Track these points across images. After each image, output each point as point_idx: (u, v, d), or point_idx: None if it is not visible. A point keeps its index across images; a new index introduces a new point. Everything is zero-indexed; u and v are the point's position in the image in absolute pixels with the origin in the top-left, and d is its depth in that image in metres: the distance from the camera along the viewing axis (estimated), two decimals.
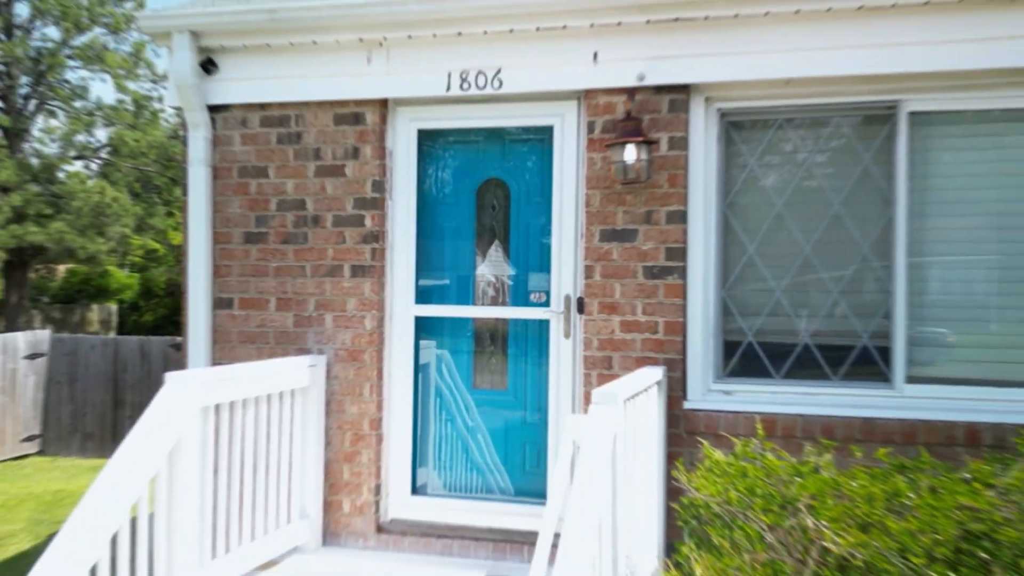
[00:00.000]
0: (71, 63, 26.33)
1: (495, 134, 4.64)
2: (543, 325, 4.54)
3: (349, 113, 4.59)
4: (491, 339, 4.70)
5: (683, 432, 4.10)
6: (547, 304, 4.53)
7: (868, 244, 4.13)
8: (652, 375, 3.87)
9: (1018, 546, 2.61)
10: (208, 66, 4.67)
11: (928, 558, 2.55)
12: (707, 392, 4.24)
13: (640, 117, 4.18)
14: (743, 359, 4.31)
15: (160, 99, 28.17)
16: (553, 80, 4.32)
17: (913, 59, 3.88)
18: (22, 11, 26.68)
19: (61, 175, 27.02)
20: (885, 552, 2.50)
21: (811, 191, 4.23)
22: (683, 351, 4.20)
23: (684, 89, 4.17)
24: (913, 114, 4.04)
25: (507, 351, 4.65)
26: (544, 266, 4.56)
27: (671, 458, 4.02)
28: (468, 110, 4.56)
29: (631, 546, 3.26)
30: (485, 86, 4.38)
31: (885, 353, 4.09)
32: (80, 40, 26.44)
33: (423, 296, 4.71)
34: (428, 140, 4.70)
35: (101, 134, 27.58)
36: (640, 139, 4.09)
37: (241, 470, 4.01)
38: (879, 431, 3.88)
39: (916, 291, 4.08)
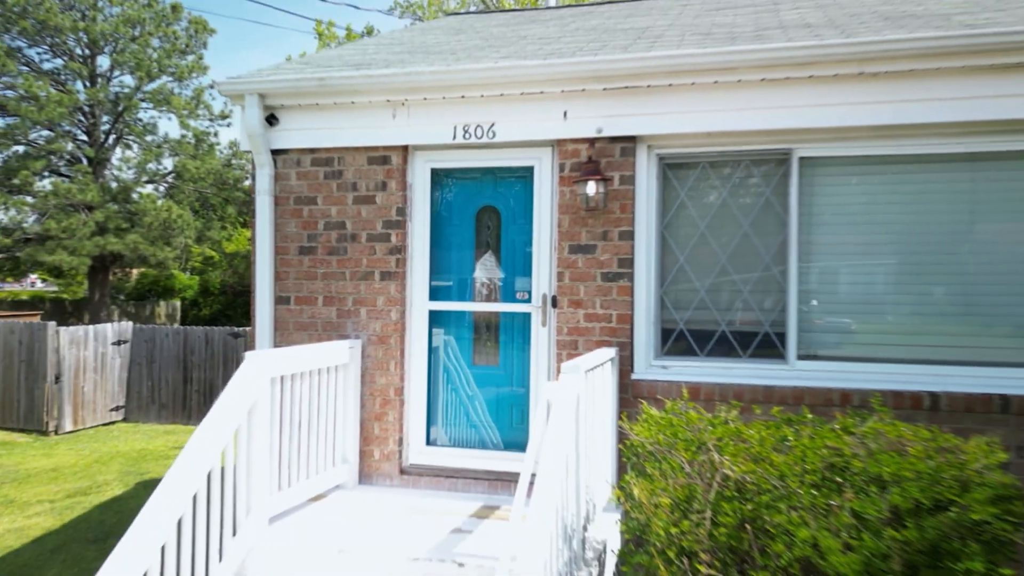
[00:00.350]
0: (144, 105, 26.40)
1: (489, 172, 4.95)
2: (526, 316, 4.88)
3: (379, 156, 4.91)
4: (486, 327, 5.04)
5: (631, 396, 4.45)
6: (529, 300, 4.87)
7: (769, 255, 4.49)
8: (607, 354, 4.22)
9: (865, 473, 2.96)
10: (271, 120, 4.99)
11: (800, 482, 2.91)
12: (649, 366, 4.59)
13: (599, 160, 4.53)
14: (676, 342, 4.67)
15: (216, 134, 28.30)
16: (533, 132, 4.64)
17: (801, 118, 4.24)
18: (103, 62, 26.76)
19: (135, 196, 27.09)
20: (768, 476, 2.85)
21: (726, 215, 4.59)
22: (631, 336, 4.55)
23: (631, 139, 4.52)
24: (802, 158, 4.40)
25: (499, 336, 4.99)
26: (527, 271, 4.89)
27: (621, 414, 4.38)
28: (469, 154, 4.87)
29: (590, 476, 3.61)
30: (482, 136, 4.71)
31: (782, 337, 4.45)
32: (151, 86, 26.52)
33: (434, 294, 5.03)
34: (438, 176, 5.01)
35: (167, 162, 27.64)
36: (599, 177, 4.44)
37: (299, 426, 4.34)
38: (776, 395, 4.23)
39: (804, 290, 4.43)
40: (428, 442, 4.97)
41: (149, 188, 27.70)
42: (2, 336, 11.89)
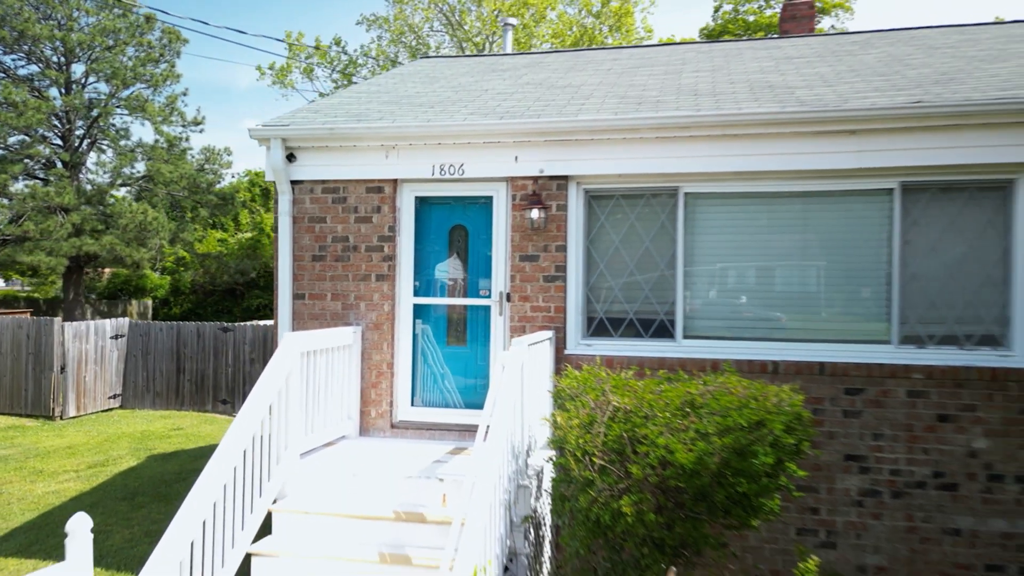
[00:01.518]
0: (119, 111, 27.08)
1: (459, 199, 6.44)
2: (487, 308, 6.39)
3: (375, 186, 6.36)
4: (456, 316, 6.52)
5: (564, 366, 5.97)
6: (489, 296, 6.37)
7: (663, 262, 6.07)
8: (547, 335, 5.76)
9: (707, 406, 4.51)
10: (291, 157, 6.40)
11: (663, 411, 4.45)
12: (577, 344, 6.13)
13: (540, 193, 6.06)
14: (597, 327, 6.22)
15: (188, 139, 29.06)
16: (493, 171, 6.13)
17: (685, 165, 5.82)
18: (77, 69, 27.35)
19: (109, 199, 27.76)
20: (642, 408, 4.40)
21: (633, 233, 6.16)
22: (564, 322, 6.09)
23: (565, 178, 6.06)
24: (687, 193, 5.99)
25: (466, 324, 6.48)
26: (487, 274, 6.39)
27: (556, 376, 5.89)
28: (444, 186, 6.34)
29: (532, 419, 5.13)
30: (454, 173, 6.19)
31: (672, 323, 6.03)
32: (126, 93, 27.18)
33: (417, 291, 6.48)
34: (420, 202, 6.46)
35: (140, 166, 28.32)
36: (540, 205, 5.98)
37: (317, 390, 5.76)
38: (667, 363, 5.80)
39: (688, 287, 6.03)
40: (412, 404, 6.45)
41: (123, 191, 28.44)
42: (11, 331, 12.94)
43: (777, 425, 4.37)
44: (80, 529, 4.06)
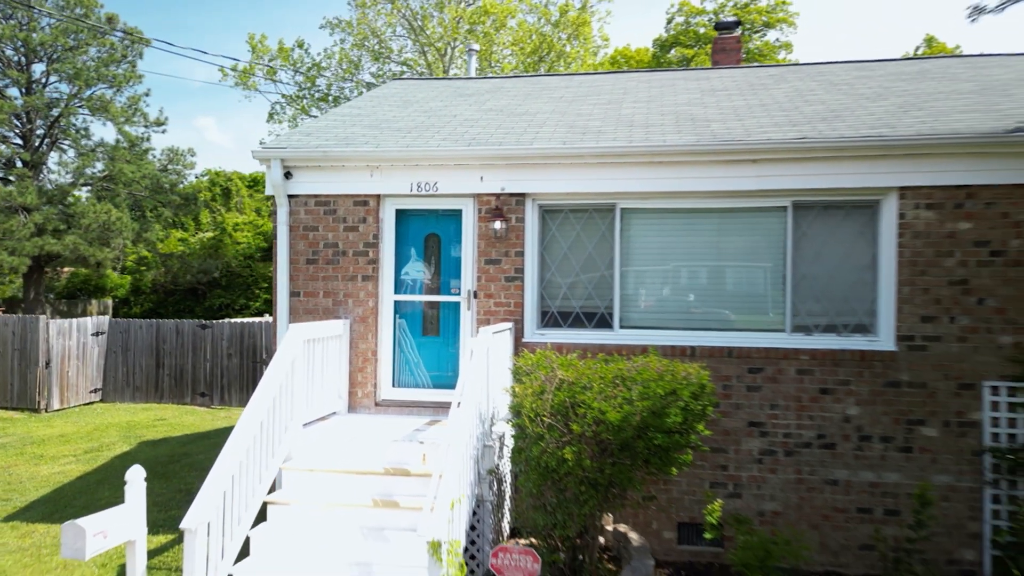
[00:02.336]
0: (82, 111, 27.48)
1: (433, 211, 7.70)
2: (457, 304, 7.65)
3: (361, 200, 7.58)
4: (431, 311, 7.77)
5: (522, 349, 7.25)
6: (459, 294, 7.64)
7: (604, 265, 7.42)
8: (508, 325, 7.05)
9: (633, 379, 5.83)
10: (288, 175, 7.57)
11: (598, 383, 5.76)
12: (533, 334, 7.44)
13: (502, 207, 7.35)
14: (549, 319, 7.54)
15: (149, 139, 29.54)
16: (462, 188, 7.40)
17: (620, 186, 7.16)
18: (38, 68, 27.65)
19: (70, 198, 28.14)
20: (581, 380, 5.71)
21: (579, 242, 7.49)
22: (522, 315, 7.39)
23: (522, 195, 7.36)
24: (623, 209, 7.35)
25: (439, 317, 7.74)
26: (457, 275, 7.66)
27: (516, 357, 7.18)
28: (421, 200, 7.59)
29: (496, 391, 6.41)
30: (429, 190, 7.44)
31: (611, 315, 7.39)
32: (88, 93, 27.59)
33: (397, 289, 7.71)
34: (400, 213, 7.70)
35: (100, 166, 28.72)
36: (502, 218, 7.27)
37: (314, 372, 6.94)
38: (606, 348, 7.13)
39: (623, 286, 7.39)
40: (393, 385, 7.68)
41: (85, 191, 28.81)
42: None
43: (685, 393, 5.73)
44: (136, 478, 5.24)
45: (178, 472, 9.67)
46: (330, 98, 30.33)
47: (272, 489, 6.20)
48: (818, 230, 7.07)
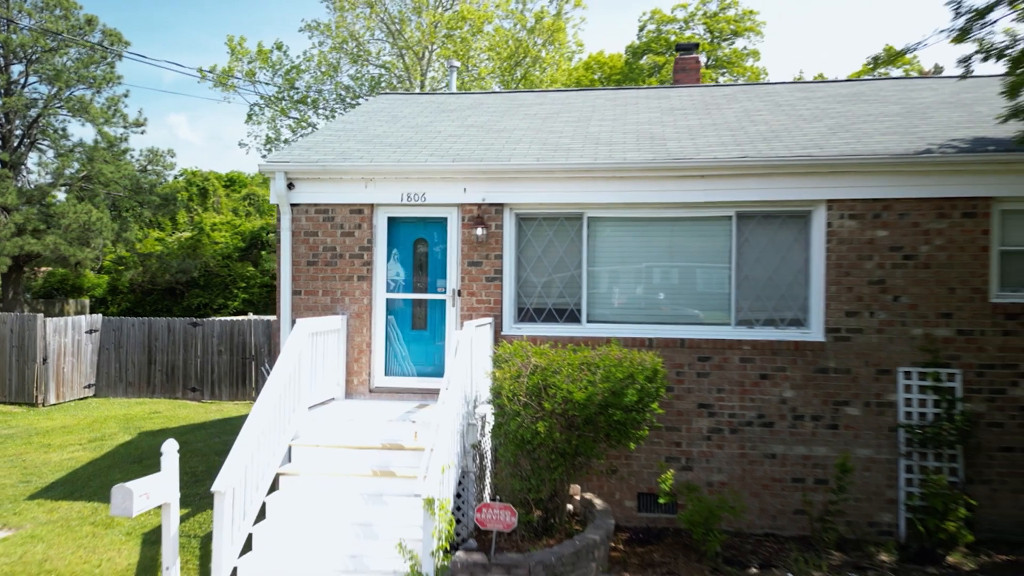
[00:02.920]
0: (62, 113, 27.98)
1: (421, 219, 8.71)
2: (443, 301, 8.67)
3: (357, 209, 8.56)
4: (419, 307, 8.78)
5: (501, 341, 8.29)
6: (445, 292, 8.66)
7: (573, 266, 8.48)
8: (488, 320, 8.08)
9: (596, 365, 6.89)
10: (291, 186, 8.52)
11: (567, 368, 6.81)
12: (510, 327, 8.48)
13: (483, 215, 8.38)
14: (525, 314, 8.58)
15: (127, 139, 30.05)
16: (447, 198, 8.43)
17: (587, 197, 8.24)
18: (15, 69, 28.08)
19: (60, 198, 28.62)
20: (552, 365, 6.76)
21: (552, 245, 8.55)
22: (501, 311, 8.43)
23: (501, 205, 8.40)
24: (589, 218, 8.42)
25: (427, 313, 8.75)
26: (443, 275, 8.67)
27: (495, 348, 8.21)
28: (410, 209, 8.60)
29: (479, 376, 7.44)
30: (418, 199, 8.45)
31: (579, 311, 8.45)
32: (68, 94, 28.08)
33: (389, 288, 8.71)
34: (392, 220, 8.70)
35: (78, 166, 29.19)
36: (483, 225, 8.30)
37: (316, 361, 7.91)
38: (574, 340, 8.17)
39: (590, 286, 8.46)
40: (385, 374, 8.68)
41: (64, 191, 29.27)
42: None
43: (641, 376, 6.80)
44: (171, 449, 6.19)
45: (182, 458, 10.48)
46: (309, 99, 31.09)
47: (283, 463, 7.17)
48: (758, 237, 8.20)
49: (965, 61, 7.56)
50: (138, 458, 10.55)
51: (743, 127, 9.20)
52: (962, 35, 7.29)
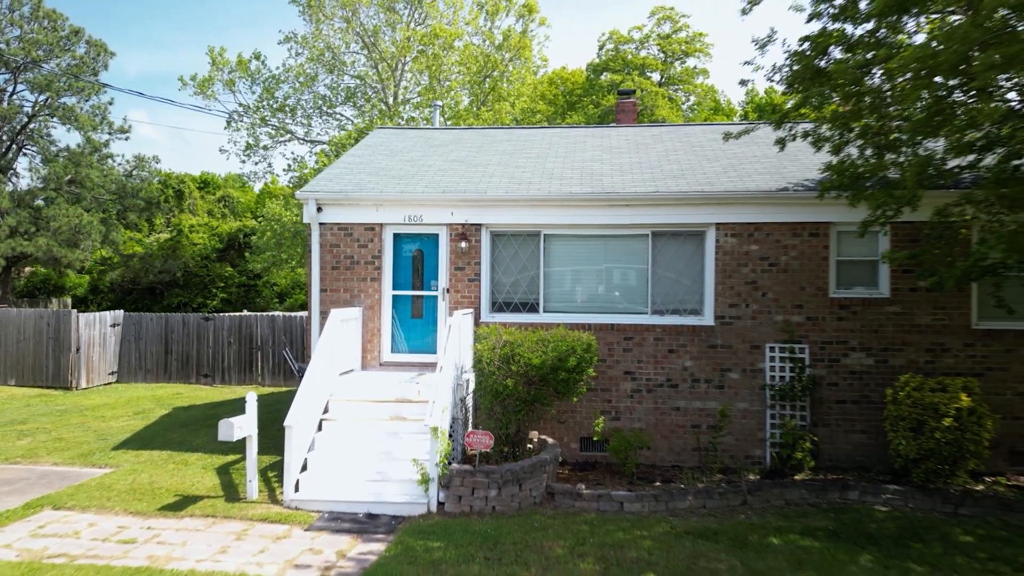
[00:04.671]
0: (52, 121, 30.42)
1: (419, 235, 11.91)
2: (435, 297, 11.88)
3: (369, 227, 11.72)
4: (417, 301, 11.98)
5: (479, 325, 11.51)
6: (437, 290, 11.87)
7: (534, 270, 11.76)
8: (470, 311, 11.33)
9: (548, 341, 10.14)
10: (320, 209, 11.66)
11: (529, 343, 10.05)
12: (487, 316, 11.71)
13: (466, 232, 11.62)
14: (497, 306, 11.84)
15: (108, 144, 32.51)
16: (438, 219, 11.65)
17: (545, 219, 11.52)
18: (1, 79, 30.42)
19: (39, 201, 31.01)
20: (518, 341, 10.01)
21: (517, 256, 11.82)
22: (479, 304, 11.67)
23: (479, 225, 11.64)
24: (546, 235, 11.71)
25: (423, 305, 11.95)
26: (436, 277, 11.87)
27: (475, 331, 11.43)
28: (411, 227, 11.80)
29: (465, 350, 10.68)
30: (417, 220, 11.65)
31: (538, 304, 11.74)
32: (57, 103, 30.51)
33: (394, 287, 11.90)
34: (396, 236, 11.89)
35: (64, 171, 31.61)
36: (466, 239, 11.54)
37: (343, 341, 11.06)
38: (534, 325, 11.42)
39: (546, 284, 11.74)
40: (392, 352, 11.87)
41: (52, 195, 31.67)
42: (33, 321, 17.25)
43: (579, 348, 10.11)
44: (252, 398, 9.34)
45: (214, 426, 13.59)
46: (287, 108, 33.88)
47: (323, 413, 10.34)
48: (668, 249, 11.58)
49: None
50: (182, 424, 13.55)
51: (661, 166, 12.60)
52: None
